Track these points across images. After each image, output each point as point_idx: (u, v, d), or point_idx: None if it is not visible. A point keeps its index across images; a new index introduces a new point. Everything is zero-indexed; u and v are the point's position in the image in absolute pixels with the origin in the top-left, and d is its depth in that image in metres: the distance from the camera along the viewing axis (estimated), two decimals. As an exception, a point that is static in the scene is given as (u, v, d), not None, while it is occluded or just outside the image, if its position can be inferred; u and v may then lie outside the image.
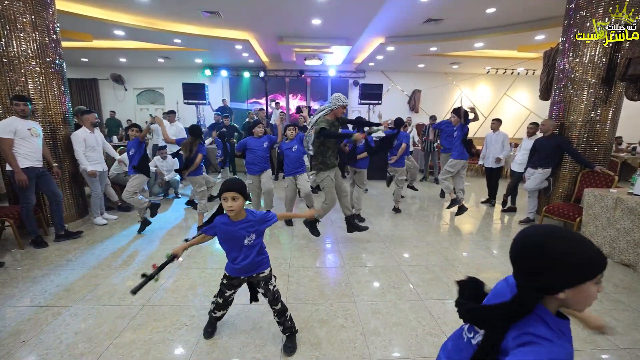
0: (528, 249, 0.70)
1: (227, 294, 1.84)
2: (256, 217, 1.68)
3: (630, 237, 2.94)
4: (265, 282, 1.80)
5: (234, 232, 1.64)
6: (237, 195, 1.55)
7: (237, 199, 1.55)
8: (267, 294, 1.81)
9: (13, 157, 3.08)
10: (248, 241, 1.67)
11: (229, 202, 1.54)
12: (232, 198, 1.54)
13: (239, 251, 1.69)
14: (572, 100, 3.88)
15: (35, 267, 2.89)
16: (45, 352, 1.83)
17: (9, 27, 3.23)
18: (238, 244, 1.67)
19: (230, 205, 1.54)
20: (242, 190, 1.57)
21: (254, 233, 1.68)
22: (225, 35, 7.02)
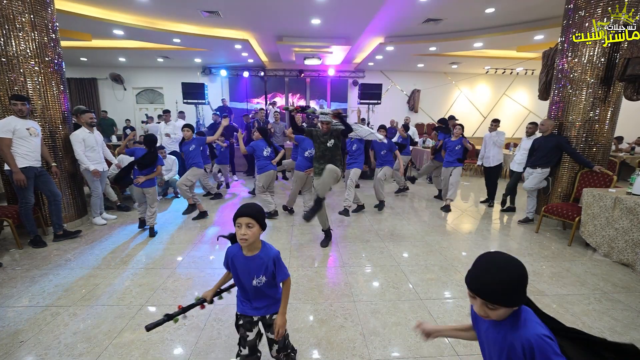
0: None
1: (250, 339, 1.46)
2: (270, 254, 1.39)
3: (629, 237, 2.94)
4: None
5: (242, 268, 1.38)
6: (252, 222, 1.28)
7: (253, 227, 1.29)
8: (278, 340, 1.48)
9: (11, 156, 3.08)
10: (257, 282, 1.38)
11: (243, 230, 1.28)
12: (246, 225, 1.28)
13: (248, 291, 1.42)
14: (571, 100, 3.89)
15: (33, 267, 2.89)
16: (44, 352, 1.82)
17: (8, 27, 3.22)
18: (246, 285, 1.40)
19: (244, 234, 1.28)
20: (258, 217, 1.31)
21: (264, 275, 1.38)
22: (224, 35, 7.01)
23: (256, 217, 1.30)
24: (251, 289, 1.40)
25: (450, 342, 1.94)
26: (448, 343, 1.93)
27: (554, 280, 2.73)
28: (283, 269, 1.41)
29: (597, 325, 2.12)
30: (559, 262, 3.10)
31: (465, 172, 8.47)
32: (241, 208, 1.31)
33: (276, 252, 1.41)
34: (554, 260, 3.16)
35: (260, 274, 1.37)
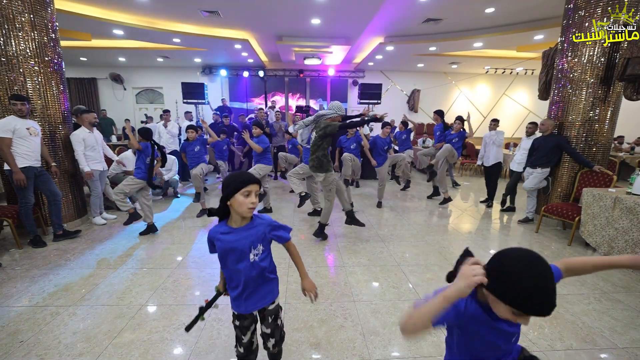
0: None
1: (245, 340, 1.38)
2: (264, 220, 1.30)
3: (629, 237, 2.94)
4: (274, 317, 1.39)
5: (235, 243, 1.23)
6: (258, 189, 1.23)
7: (257, 194, 1.23)
8: (274, 332, 1.39)
9: (11, 156, 3.07)
10: (254, 255, 1.25)
11: (253, 197, 1.19)
12: (255, 192, 1.21)
13: (243, 276, 1.27)
14: (570, 100, 3.89)
15: (33, 266, 2.89)
16: (44, 352, 1.82)
17: (8, 26, 3.22)
18: (241, 262, 1.25)
19: (254, 202, 1.20)
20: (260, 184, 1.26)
21: (260, 243, 1.27)
22: (224, 34, 7.01)
23: (260, 184, 1.25)
24: (246, 271, 1.25)
25: (450, 341, 1.94)
26: (448, 343, 1.93)
27: (554, 280, 2.73)
28: (284, 228, 1.34)
29: (597, 325, 2.12)
30: (559, 262, 3.10)
31: (465, 172, 8.47)
32: (244, 175, 1.20)
33: (269, 217, 1.34)
34: (554, 260, 3.11)
35: (257, 243, 1.26)
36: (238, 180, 1.18)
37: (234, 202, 1.19)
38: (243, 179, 1.19)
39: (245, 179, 1.19)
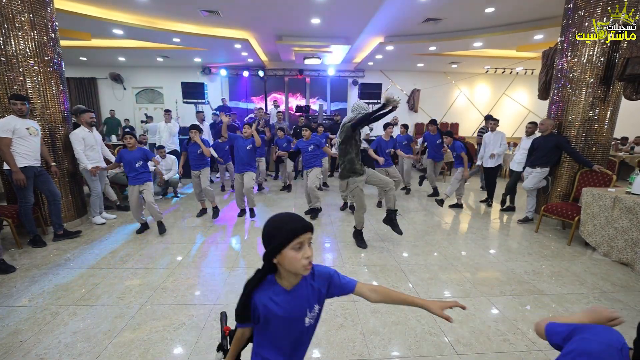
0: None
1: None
2: (322, 270, 1.01)
3: (628, 236, 2.95)
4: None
5: (289, 306, 0.93)
6: (311, 236, 0.91)
7: (310, 242, 0.91)
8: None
9: (11, 156, 3.07)
10: (310, 319, 0.97)
11: (307, 250, 0.89)
12: (309, 241, 0.90)
13: (294, 343, 0.98)
14: (570, 100, 3.89)
15: (33, 266, 2.89)
16: (44, 352, 1.82)
17: (7, 26, 3.22)
18: (295, 330, 0.96)
19: (309, 256, 0.89)
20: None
21: (317, 303, 0.99)
22: (224, 34, 7.00)
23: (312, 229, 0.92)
24: (297, 336, 0.98)
25: (449, 341, 1.95)
26: (448, 342, 1.94)
27: (554, 280, 2.74)
28: (347, 278, 1.05)
29: (596, 325, 2.13)
30: (559, 262, 3.10)
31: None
32: (292, 222, 0.89)
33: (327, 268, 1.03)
34: (554, 259, 3.16)
35: (314, 303, 0.97)
36: (286, 230, 0.87)
37: (283, 260, 0.88)
38: (291, 228, 0.87)
39: (293, 227, 0.88)
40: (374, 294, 1.05)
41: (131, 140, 3.66)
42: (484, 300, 2.41)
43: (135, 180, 3.66)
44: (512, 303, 2.37)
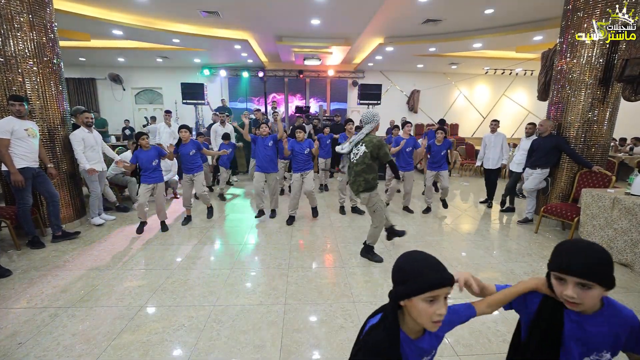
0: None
1: None
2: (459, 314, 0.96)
3: (628, 237, 2.95)
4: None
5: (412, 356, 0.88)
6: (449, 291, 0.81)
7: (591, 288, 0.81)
8: None
9: (9, 157, 3.06)
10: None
11: (441, 306, 0.79)
12: (445, 297, 0.81)
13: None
14: (569, 101, 3.90)
15: (32, 268, 2.88)
16: (43, 354, 1.81)
17: (6, 26, 3.21)
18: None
19: (442, 314, 0.79)
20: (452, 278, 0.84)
21: (434, 347, 0.94)
22: (224, 35, 7.01)
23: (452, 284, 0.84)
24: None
25: (450, 342, 1.94)
26: (448, 343, 1.93)
27: (554, 281, 2.73)
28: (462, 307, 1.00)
29: (596, 326, 2.12)
30: (558, 263, 3.10)
31: (465, 172, 8.48)
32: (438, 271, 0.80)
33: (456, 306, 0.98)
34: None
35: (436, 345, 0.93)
36: (424, 279, 0.78)
37: (412, 307, 0.81)
38: (431, 278, 0.78)
39: (434, 278, 0.78)
40: (489, 308, 1.01)
41: (145, 140, 3.73)
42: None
43: (149, 179, 3.73)
44: (512, 304, 2.37)
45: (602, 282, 0.78)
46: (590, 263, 0.78)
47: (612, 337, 0.84)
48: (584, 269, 0.78)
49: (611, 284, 0.79)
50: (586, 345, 0.86)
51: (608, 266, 0.79)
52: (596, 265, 0.78)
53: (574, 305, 0.81)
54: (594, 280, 0.78)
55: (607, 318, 0.85)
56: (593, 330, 0.85)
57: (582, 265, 0.78)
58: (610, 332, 0.84)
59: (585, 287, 0.79)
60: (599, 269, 0.78)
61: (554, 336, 0.87)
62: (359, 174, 2.91)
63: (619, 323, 0.84)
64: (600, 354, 0.86)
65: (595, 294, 0.79)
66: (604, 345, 0.85)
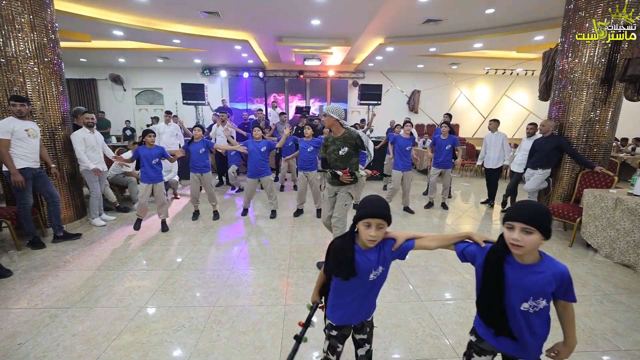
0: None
1: (340, 349, 1.44)
2: (385, 245, 1.25)
3: (631, 238, 2.93)
4: (370, 327, 1.42)
5: (361, 264, 1.22)
6: (384, 223, 1.16)
7: (382, 228, 1.17)
8: (370, 339, 1.43)
9: (9, 158, 3.06)
10: (374, 275, 1.24)
11: (373, 232, 1.15)
12: (378, 226, 1.15)
13: (358, 291, 1.27)
14: (571, 101, 3.88)
15: (32, 268, 2.87)
16: (43, 355, 1.81)
17: (7, 27, 3.21)
18: (361, 281, 1.24)
19: (375, 235, 1.15)
20: (389, 217, 1.16)
21: (381, 265, 1.24)
22: (224, 35, 7.01)
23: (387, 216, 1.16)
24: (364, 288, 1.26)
25: (451, 343, 1.93)
26: (449, 345, 1.92)
27: (555, 282, 2.72)
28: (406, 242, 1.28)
29: (599, 327, 2.11)
30: (560, 263, 3.09)
31: (465, 172, 8.47)
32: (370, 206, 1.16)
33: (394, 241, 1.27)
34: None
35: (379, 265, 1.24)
36: (365, 208, 1.16)
37: (359, 228, 1.19)
38: (367, 210, 1.15)
39: (369, 211, 1.15)
40: (431, 242, 1.24)
41: (151, 137, 3.72)
42: (486, 302, 2.39)
43: (148, 178, 3.71)
44: (514, 305, 2.35)
45: (540, 228, 0.98)
46: (532, 212, 1.00)
47: (546, 285, 1.01)
48: (527, 216, 0.99)
49: (548, 233, 0.99)
50: (524, 292, 1.03)
51: (545, 217, 0.99)
52: (536, 214, 0.99)
53: (517, 247, 1.00)
54: (533, 225, 0.98)
55: (544, 269, 1.02)
56: (531, 279, 1.03)
57: (525, 214, 1.00)
58: (545, 280, 1.01)
59: (527, 232, 0.98)
60: (538, 217, 0.99)
61: (498, 282, 1.05)
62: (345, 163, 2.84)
63: (553, 273, 1.01)
64: (537, 300, 1.02)
65: (534, 238, 0.98)
66: (539, 292, 1.02)
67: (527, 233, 0.98)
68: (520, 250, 1.00)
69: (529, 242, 0.98)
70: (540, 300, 1.02)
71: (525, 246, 0.98)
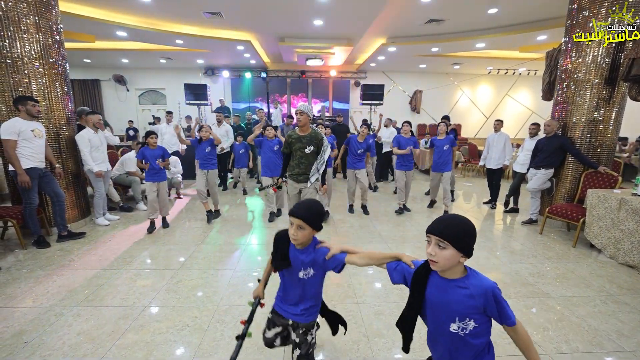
0: None
1: (268, 335, 1.50)
2: (318, 253, 1.32)
3: (635, 238, 2.92)
4: (305, 331, 1.42)
5: (293, 261, 1.34)
6: (303, 224, 1.23)
7: (303, 229, 1.25)
8: (301, 345, 1.41)
9: (16, 158, 3.09)
10: (303, 274, 1.34)
11: (292, 230, 1.26)
12: (297, 226, 1.24)
13: (288, 285, 1.40)
14: (574, 101, 3.87)
15: (37, 267, 2.90)
16: (48, 353, 1.82)
17: (13, 28, 3.24)
18: (293, 276, 1.36)
19: (294, 234, 1.25)
20: (310, 220, 1.24)
21: (311, 267, 1.34)
22: (226, 36, 7.03)
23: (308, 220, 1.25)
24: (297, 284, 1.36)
25: (454, 344, 1.93)
26: (452, 345, 1.92)
27: (559, 282, 2.71)
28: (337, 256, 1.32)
29: (603, 328, 2.10)
30: (564, 264, 3.08)
31: (467, 172, 8.44)
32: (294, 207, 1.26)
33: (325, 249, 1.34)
34: (559, 261, 3.14)
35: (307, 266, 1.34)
36: (291, 208, 1.26)
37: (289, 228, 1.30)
38: (290, 210, 1.26)
39: (290, 211, 1.26)
40: (361, 260, 1.26)
41: (154, 139, 3.82)
42: (489, 302, 2.39)
43: (154, 177, 3.77)
44: (517, 305, 2.35)
45: (455, 243, 0.94)
46: (446, 226, 0.96)
47: (470, 302, 0.95)
48: (440, 230, 0.96)
49: (465, 250, 0.95)
50: (449, 310, 0.98)
51: (462, 232, 0.95)
52: (450, 228, 0.95)
53: (433, 262, 0.97)
54: (447, 240, 0.94)
55: (467, 285, 0.97)
56: (454, 293, 0.98)
57: (440, 228, 0.96)
58: (469, 298, 0.95)
59: (442, 247, 0.95)
60: (452, 231, 0.95)
61: (418, 298, 1.04)
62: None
63: (478, 291, 0.95)
64: (463, 321, 0.96)
65: (448, 254, 0.94)
66: (465, 310, 0.96)
67: (441, 248, 0.95)
68: (435, 265, 0.97)
69: (442, 257, 0.94)
70: (468, 320, 0.96)
71: (438, 262, 0.95)
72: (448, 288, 0.99)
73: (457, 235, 0.94)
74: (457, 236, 0.94)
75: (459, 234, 0.95)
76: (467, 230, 0.97)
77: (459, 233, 0.95)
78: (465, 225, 0.97)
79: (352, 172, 4.61)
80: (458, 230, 0.95)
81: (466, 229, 0.97)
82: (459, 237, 0.94)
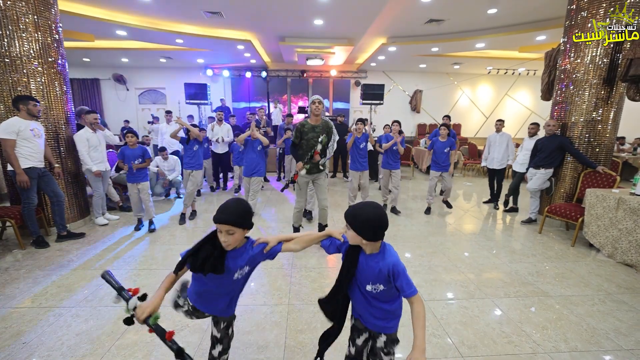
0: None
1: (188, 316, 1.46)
2: (255, 250, 1.30)
3: (633, 238, 2.93)
4: (227, 324, 1.43)
5: (229, 264, 1.25)
6: (232, 228, 1.17)
7: (233, 233, 1.18)
8: (223, 339, 1.42)
9: (15, 158, 3.08)
10: (239, 274, 1.29)
11: (223, 237, 1.18)
12: (227, 232, 1.17)
13: (224, 286, 1.30)
14: (573, 101, 3.88)
15: (36, 267, 2.89)
16: (47, 354, 1.82)
17: (12, 27, 3.24)
18: (224, 279, 1.27)
19: (225, 240, 1.18)
20: (239, 222, 1.18)
21: (248, 265, 1.30)
22: (227, 35, 7.02)
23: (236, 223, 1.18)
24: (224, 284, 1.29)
25: (454, 343, 1.93)
26: (452, 344, 1.93)
27: (558, 281, 2.72)
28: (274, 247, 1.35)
29: (601, 327, 2.11)
30: (563, 263, 3.09)
31: (468, 172, 8.45)
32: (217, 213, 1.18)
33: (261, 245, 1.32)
34: (558, 260, 3.14)
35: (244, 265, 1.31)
36: (215, 214, 1.18)
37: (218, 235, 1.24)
38: (214, 217, 1.18)
39: (215, 218, 1.17)
40: (296, 245, 1.37)
41: (132, 138, 3.78)
42: (488, 301, 2.40)
43: (133, 178, 3.77)
44: (517, 305, 2.36)
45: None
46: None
47: (379, 272, 1.17)
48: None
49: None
50: (366, 276, 1.20)
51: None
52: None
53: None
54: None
55: (378, 260, 1.18)
56: (370, 265, 1.19)
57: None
58: (377, 268, 1.17)
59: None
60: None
61: (351, 268, 1.23)
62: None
63: (383, 263, 1.16)
64: (375, 285, 1.19)
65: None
66: (375, 277, 1.18)
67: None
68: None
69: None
70: (378, 285, 1.18)
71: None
72: (367, 260, 1.21)
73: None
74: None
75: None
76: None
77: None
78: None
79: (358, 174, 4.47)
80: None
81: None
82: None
